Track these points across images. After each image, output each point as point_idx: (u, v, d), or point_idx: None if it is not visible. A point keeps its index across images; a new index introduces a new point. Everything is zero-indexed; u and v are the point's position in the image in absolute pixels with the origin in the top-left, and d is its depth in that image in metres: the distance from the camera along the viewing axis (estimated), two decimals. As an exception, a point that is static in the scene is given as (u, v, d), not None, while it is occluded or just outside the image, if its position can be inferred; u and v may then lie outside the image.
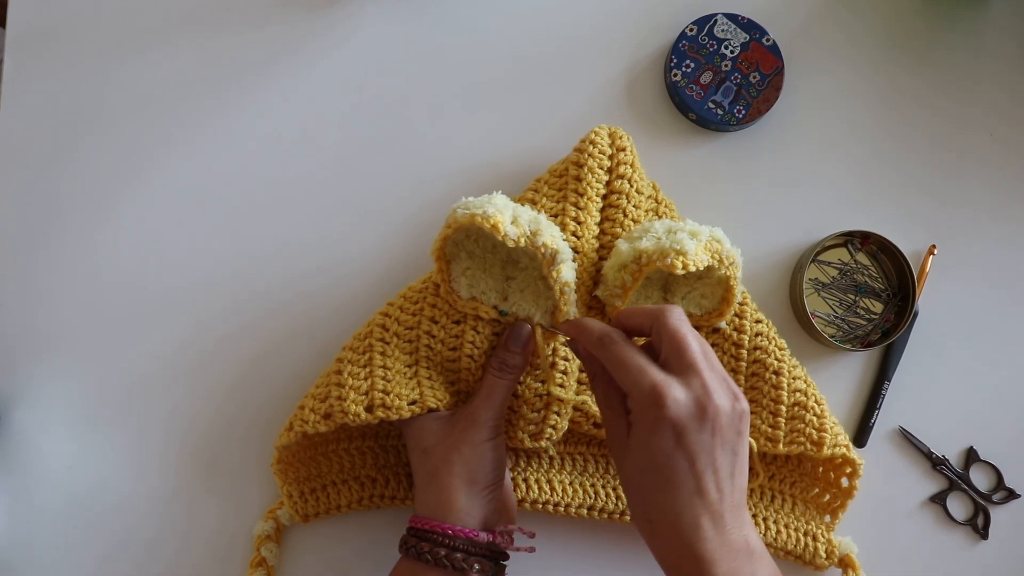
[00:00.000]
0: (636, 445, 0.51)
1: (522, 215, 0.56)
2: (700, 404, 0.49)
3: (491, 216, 0.54)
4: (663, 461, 0.49)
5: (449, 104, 0.70)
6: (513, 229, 0.55)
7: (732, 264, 0.58)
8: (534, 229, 0.56)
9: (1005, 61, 0.72)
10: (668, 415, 0.49)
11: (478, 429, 0.58)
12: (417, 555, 0.55)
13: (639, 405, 0.50)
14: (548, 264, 0.56)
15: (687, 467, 0.49)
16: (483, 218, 0.54)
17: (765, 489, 0.66)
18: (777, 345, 0.63)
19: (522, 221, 0.56)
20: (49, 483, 0.66)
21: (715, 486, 0.50)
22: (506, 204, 0.56)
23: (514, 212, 0.56)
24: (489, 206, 0.55)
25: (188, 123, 0.69)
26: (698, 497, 0.49)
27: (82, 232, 0.68)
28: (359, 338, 0.61)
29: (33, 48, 0.70)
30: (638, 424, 0.50)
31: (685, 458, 0.49)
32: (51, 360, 0.67)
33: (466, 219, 0.55)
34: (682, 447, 0.49)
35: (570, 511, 0.64)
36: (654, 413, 0.49)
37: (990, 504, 0.68)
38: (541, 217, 0.57)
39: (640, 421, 0.50)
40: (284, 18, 0.71)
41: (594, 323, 0.55)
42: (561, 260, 0.56)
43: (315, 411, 0.59)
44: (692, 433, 0.49)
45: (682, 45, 0.69)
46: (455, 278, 0.60)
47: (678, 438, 0.49)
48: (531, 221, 0.56)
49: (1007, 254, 0.70)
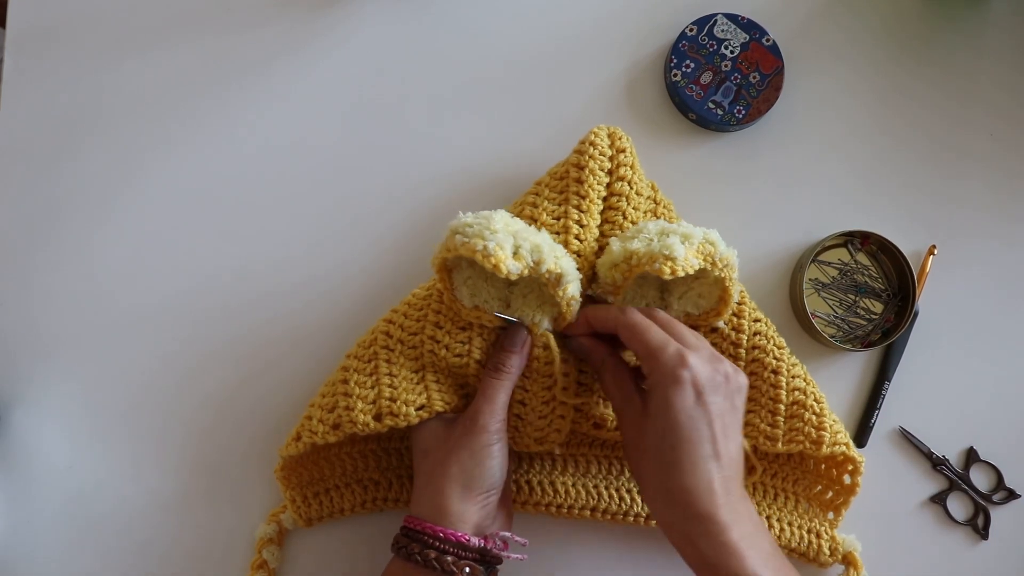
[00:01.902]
0: (656, 411, 0.53)
1: (523, 244, 0.55)
2: (715, 369, 0.54)
3: (492, 254, 0.54)
4: (684, 420, 0.52)
5: (449, 104, 0.70)
6: (515, 264, 0.55)
7: (727, 266, 0.58)
8: (536, 258, 0.55)
9: (1005, 61, 0.72)
10: (691, 374, 0.53)
11: (477, 433, 0.58)
12: (408, 555, 0.56)
13: (663, 367, 0.53)
14: (553, 286, 0.57)
15: (706, 427, 0.52)
16: (484, 256, 0.54)
17: (768, 487, 0.66)
18: (776, 344, 0.63)
19: (524, 252, 0.55)
20: (49, 484, 0.66)
21: (726, 450, 0.53)
22: (507, 230, 0.55)
23: (515, 241, 0.55)
24: (490, 238, 0.54)
25: (187, 123, 0.69)
26: (714, 460, 0.52)
27: (82, 232, 0.68)
28: (363, 346, 0.61)
29: (33, 48, 0.70)
30: (659, 387, 0.53)
31: (705, 418, 0.52)
32: (51, 361, 0.67)
33: (467, 252, 0.55)
34: (702, 405, 0.52)
35: (573, 512, 0.64)
36: (678, 372, 0.53)
37: (990, 504, 0.68)
38: (543, 240, 0.56)
39: (661, 384, 0.53)
40: (283, 19, 0.71)
41: (603, 306, 0.59)
42: (567, 281, 0.57)
43: (323, 421, 0.59)
44: (710, 394, 0.53)
45: (682, 45, 0.69)
46: (457, 287, 0.60)
47: (698, 396, 0.53)
48: (533, 250, 0.55)
49: (1007, 254, 0.70)
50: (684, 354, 0.53)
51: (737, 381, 0.55)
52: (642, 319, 0.56)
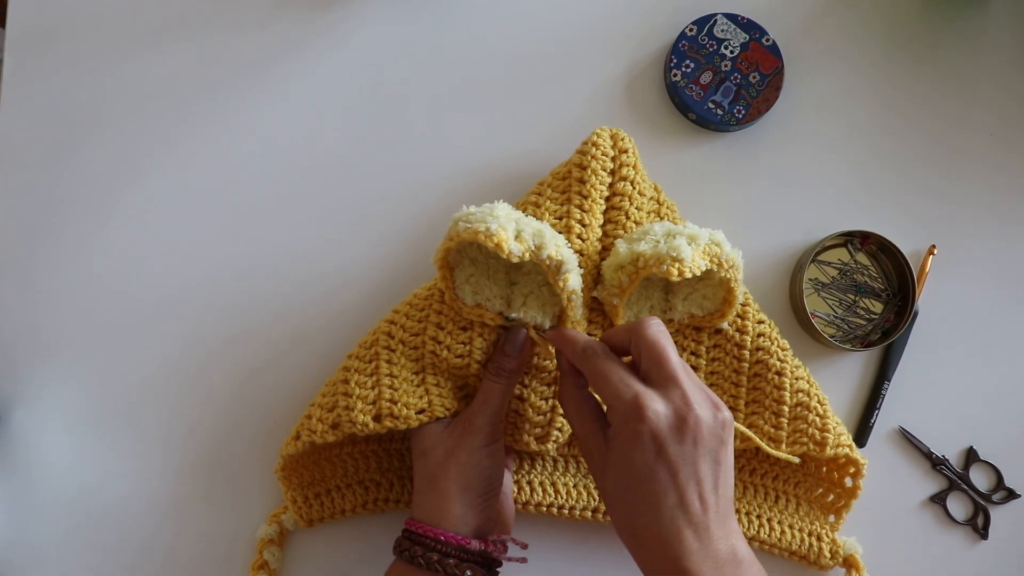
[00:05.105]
0: (616, 460, 0.50)
1: (525, 228, 0.55)
2: (680, 415, 0.49)
3: (494, 234, 0.54)
4: (645, 474, 0.49)
5: (449, 104, 0.70)
6: (517, 246, 0.54)
7: (732, 267, 0.58)
8: (538, 243, 0.55)
9: (1005, 61, 0.72)
10: (648, 427, 0.48)
11: (474, 435, 0.58)
12: (410, 558, 0.56)
13: (619, 417, 0.50)
14: (554, 275, 0.56)
15: (669, 480, 0.49)
16: (486, 236, 0.54)
17: (769, 489, 0.66)
18: (779, 346, 0.63)
19: (525, 235, 0.55)
20: (49, 484, 0.66)
21: (698, 498, 0.49)
22: (508, 216, 0.56)
23: (517, 225, 0.55)
24: (492, 221, 0.55)
25: (188, 123, 0.69)
26: (680, 510, 0.49)
27: (82, 232, 0.68)
28: (364, 346, 0.61)
29: (33, 48, 0.70)
30: (618, 437, 0.50)
31: (667, 471, 0.49)
32: (51, 361, 0.67)
33: (469, 235, 0.55)
34: (663, 459, 0.49)
35: (574, 514, 0.64)
36: (634, 426, 0.49)
37: (990, 504, 0.68)
38: (544, 227, 0.57)
39: (620, 434, 0.50)
40: (283, 19, 0.71)
41: (578, 335, 0.56)
42: (567, 270, 0.56)
43: (323, 420, 0.59)
44: (672, 445, 0.49)
45: (682, 45, 0.69)
46: (459, 285, 0.60)
47: (659, 450, 0.49)
48: (535, 234, 0.55)
49: (1007, 254, 0.70)
50: (642, 406, 0.49)
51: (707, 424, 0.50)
52: (602, 364, 0.52)
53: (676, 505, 0.49)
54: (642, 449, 0.49)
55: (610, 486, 0.51)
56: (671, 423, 0.49)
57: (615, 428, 0.50)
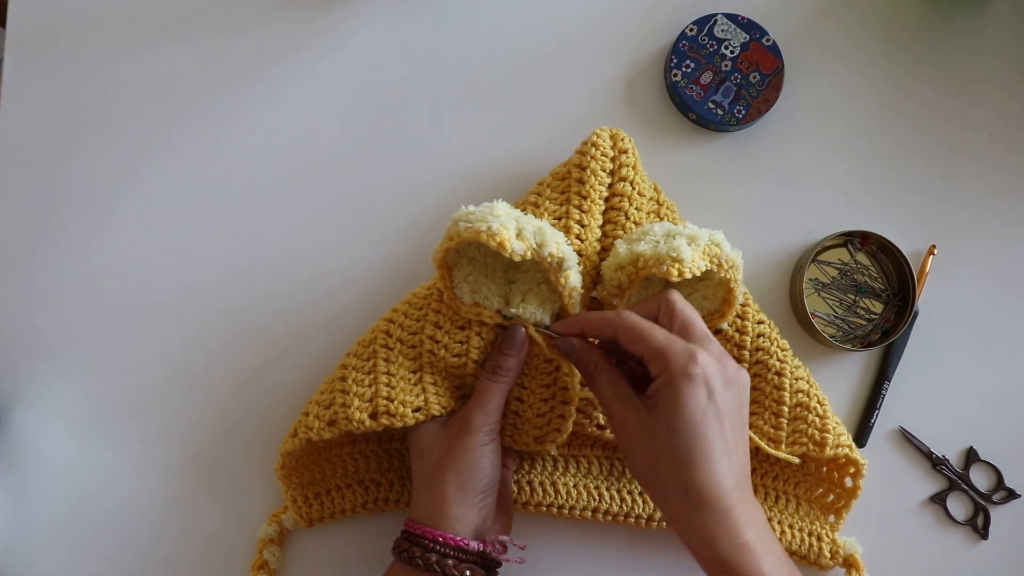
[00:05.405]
0: (668, 410, 0.51)
1: (526, 226, 0.56)
2: (722, 365, 0.53)
3: (496, 233, 0.54)
4: (699, 418, 0.51)
5: (449, 104, 0.70)
6: (519, 244, 0.55)
7: (732, 267, 0.58)
8: (539, 240, 0.55)
9: (1005, 61, 0.72)
10: (702, 370, 0.51)
11: (471, 434, 0.58)
12: (409, 559, 0.56)
13: (674, 365, 0.52)
14: (555, 272, 0.56)
15: (718, 424, 0.51)
16: (488, 235, 0.54)
17: (769, 489, 0.66)
18: (779, 346, 0.63)
19: (527, 233, 0.55)
20: (49, 484, 0.66)
21: (736, 448, 0.52)
22: (508, 215, 0.56)
23: (518, 224, 0.56)
24: (493, 220, 0.55)
25: (187, 123, 0.69)
26: (727, 457, 0.51)
27: (82, 232, 0.68)
28: (363, 344, 0.61)
29: (33, 48, 0.70)
30: (671, 386, 0.51)
31: (716, 416, 0.51)
32: (51, 361, 0.67)
33: (471, 234, 0.55)
34: (713, 404, 0.51)
35: (574, 514, 0.64)
36: (690, 369, 0.51)
37: (990, 504, 0.68)
38: (544, 224, 0.57)
39: (672, 382, 0.51)
40: (283, 19, 0.71)
41: (599, 312, 0.57)
42: (568, 267, 0.56)
43: (320, 418, 0.59)
44: (719, 392, 0.52)
45: (682, 45, 0.69)
46: (458, 284, 0.60)
47: (710, 394, 0.51)
48: (536, 232, 0.56)
49: (1007, 254, 0.70)
50: (694, 351, 0.52)
51: (741, 379, 0.54)
52: (641, 321, 0.54)
53: (724, 453, 0.51)
54: (697, 392, 0.51)
55: (658, 441, 0.52)
56: (717, 371, 0.52)
57: (664, 379, 0.52)
